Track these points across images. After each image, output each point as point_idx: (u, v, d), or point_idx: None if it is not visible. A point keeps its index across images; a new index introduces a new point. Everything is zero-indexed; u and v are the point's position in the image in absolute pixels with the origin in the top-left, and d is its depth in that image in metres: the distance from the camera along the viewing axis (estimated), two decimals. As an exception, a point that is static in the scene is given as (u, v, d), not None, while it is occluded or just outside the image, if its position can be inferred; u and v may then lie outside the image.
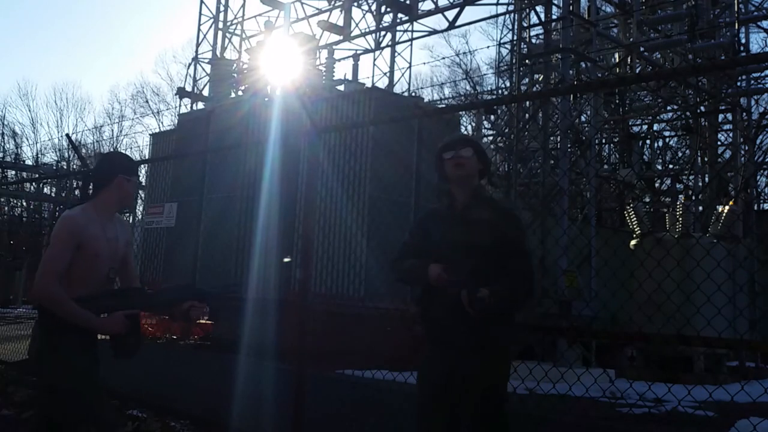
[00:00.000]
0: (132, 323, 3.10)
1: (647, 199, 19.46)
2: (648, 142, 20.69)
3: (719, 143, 16.09)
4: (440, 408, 3.03)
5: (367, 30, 17.30)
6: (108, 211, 3.30)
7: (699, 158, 16.32)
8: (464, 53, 33.94)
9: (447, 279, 2.97)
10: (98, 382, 3.15)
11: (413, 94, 21.45)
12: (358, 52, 17.39)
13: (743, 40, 16.13)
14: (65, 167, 36.92)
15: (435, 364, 3.08)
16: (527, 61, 13.84)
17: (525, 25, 13.57)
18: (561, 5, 12.57)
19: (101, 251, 3.17)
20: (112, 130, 42.67)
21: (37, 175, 31.32)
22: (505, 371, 3.09)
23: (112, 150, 39.84)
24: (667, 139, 21.94)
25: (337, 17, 16.91)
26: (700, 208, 14.06)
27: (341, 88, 15.08)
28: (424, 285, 3.10)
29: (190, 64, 20.75)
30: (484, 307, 2.86)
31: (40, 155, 40.07)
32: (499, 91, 21.91)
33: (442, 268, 3.00)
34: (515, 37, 14.71)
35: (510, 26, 20.67)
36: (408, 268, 3.19)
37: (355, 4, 17.01)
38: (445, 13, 15.30)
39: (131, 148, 41.46)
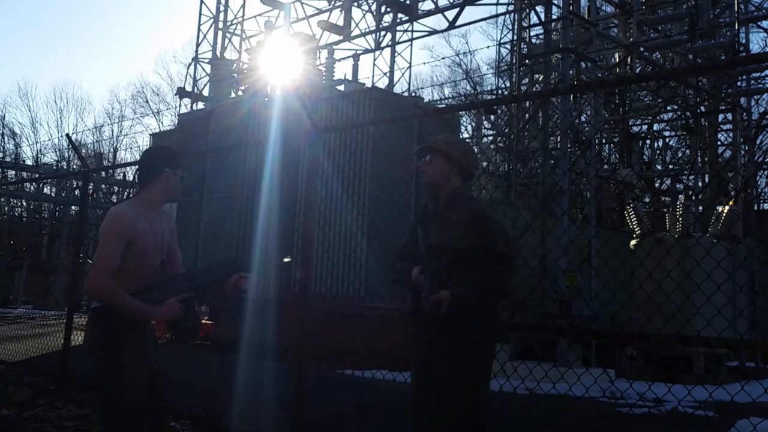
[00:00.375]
0: (186, 307, 3.17)
1: (647, 199, 19.46)
2: (648, 142, 20.69)
3: (719, 143, 16.09)
4: (426, 404, 3.10)
5: (367, 30, 17.32)
6: (154, 205, 3.33)
7: (699, 158, 16.32)
8: (464, 53, 33.97)
9: (422, 281, 3.03)
10: (146, 375, 3.21)
11: (413, 94, 21.47)
12: (358, 52, 17.39)
13: (743, 40, 16.14)
14: (65, 167, 36.93)
15: (421, 362, 3.16)
16: (527, 61, 13.84)
17: (525, 25, 13.58)
18: (561, 5, 12.57)
19: (150, 247, 3.22)
20: (112, 130, 42.73)
21: (37, 175, 31.30)
22: (479, 369, 3.07)
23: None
24: (667, 139, 21.95)
25: (337, 17, 16.94)
26: (700, 208, 14.05)
27: (341, 88, 15.09)
28: (413, 286, 3.16)
29: (190, 64, 20.78)
30: (438, 310, 2.91)
31: (40, 155, 40.11)
32: (499, 91, 21.92)
33: (419, 270, 3.06)
34: (515, 37, 14.71)
35: (510, 26, 20.71)
36: (399, 269, 3.24)
37: (355, 4, 17.02)
38: (445, 13, 15.32)
39: (131, 148, 41.55)
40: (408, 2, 15.76)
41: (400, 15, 16.30)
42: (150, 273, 3.23)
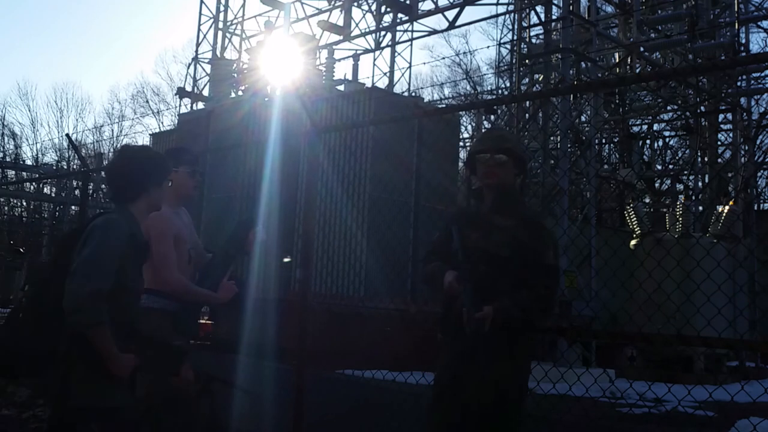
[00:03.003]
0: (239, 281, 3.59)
1: (647, 199, 19.46)
2: (648, 142, 20.69)
3: (719, 143, 16.09)
4: (444, 408, 2.93)
5: (367, 30, 17.31)
6: (174, 201, 3.62)
7: (699, 158, 16.32)
8: (464, 53, 33.92)
9: (456, 288, 2.83)
10: None
11: (413, 94, 21.46)
12: (358, 52, 17.39)
13: (743, 40, 16.13)
14: (65, 167, 36.91)
15: (446, 367, 2.97)
16: (527, 61, 13.84)
17: (525, 25, 13.58)
18: (561, 5, 12.57)
19: (185, 237, 3.57)
20: (112, 130, 42.68)
21: (37, 175, 31.29)
22: (513, 377, 2.87)
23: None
24: (667, 139, 21.95)
25: (337, 17, 16.93)
26: (700, 208, 14.06)
27: (341, 88, 15.08)
28: (445, 293, 2.94)
29: (190, 64, 20.78)
30: (482, 329, 2.72)
31: (40, 155, 40.10)
32: (499, 91, 21.92)
33: (455, 276, 2.84)
34: (515, 37, 14.72)
35: (510, 26, 20.68)
36: (429, 271, 3.04)
37: (355, 4, 17.01)
38: (445, 13, 15.30)
39: (131, 148, 41.47)
40: (408, 2, 15.75)
41: (400, 15, 16.29)
42: (186, 261, 3.55)
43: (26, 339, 2.61)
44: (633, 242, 11.73)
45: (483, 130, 21.91)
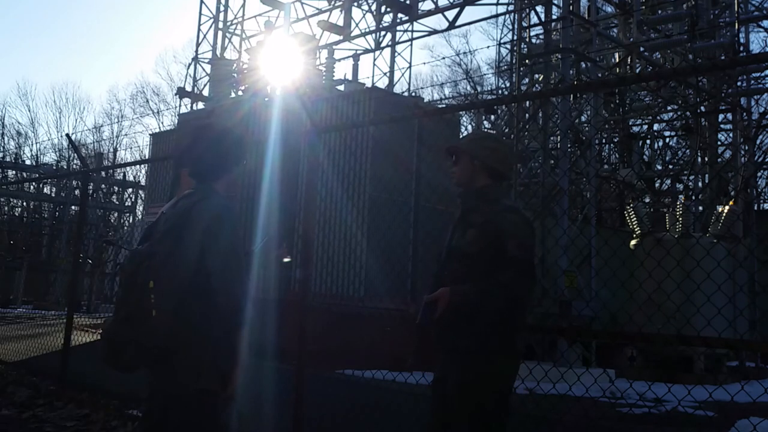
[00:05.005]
0: None
1: (647, 199, 19.46)
2: (648, 142, 20.69)
3: (719, 143, 16.09)
4: (434, 408, 3.00)
5: (367, 30, 17.31)
6: None
7: (699, 158, 16.32)
8: (464, 53, 33.93)
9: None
10: None
11: (413, 94, 21.46)
12: (358, 52, 17.40)
13: (743, 40, 16.13)
14: (65, 167, 36.90)
15: (437, 366, 3.05)
16: (527, 61, 13.82)
17: (525, 25, 13.56)
18: (561, 5, 12.57)
19: None
20: (112, 130, 42.73)
21: (37, 175, 31.29)
22: (483, 377, 2.83)
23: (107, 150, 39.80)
24: (667, 139, 21.94)
25: (337, 17, 16.93)
26: (700, 208, 14.05)
27: (341, 88, 15.09)
28: None
29: (190, 64, 20.79)
30: (429, 316, 2.79)
31: (40, 155, 40.11)
32: (499, 91, 21.92)
33: (434, 275, 3.00)
34: (515, 37, 14.71)
35: (510, 26, 20.71)
36: (433, 273, 3.14)
37: (355, 4, 17.01)
38: (445, 13, 15.31)
39: (131, 148, 41.58)
40: (408, 2, 15.75)
41: (400, 15, 16.28)
42: None
43: (148, 333, 2.70)
44: (633, 242, 11.73)
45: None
